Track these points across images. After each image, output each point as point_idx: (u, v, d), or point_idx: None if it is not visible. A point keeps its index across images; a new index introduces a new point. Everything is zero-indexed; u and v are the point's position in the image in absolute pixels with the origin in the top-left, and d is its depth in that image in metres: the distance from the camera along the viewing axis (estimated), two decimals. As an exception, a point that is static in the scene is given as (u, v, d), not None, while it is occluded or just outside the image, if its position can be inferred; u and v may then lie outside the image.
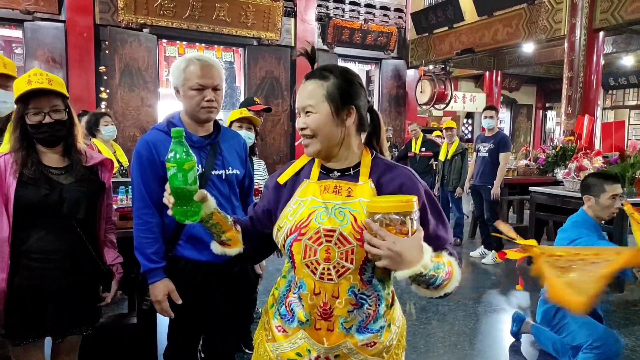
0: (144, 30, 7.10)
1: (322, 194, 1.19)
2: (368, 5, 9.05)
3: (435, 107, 9.25)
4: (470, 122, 12.87)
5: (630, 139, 5.16)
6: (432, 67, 9.05)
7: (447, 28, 8.52)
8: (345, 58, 9.05)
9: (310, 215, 1.16)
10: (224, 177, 1.80)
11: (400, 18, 9.45)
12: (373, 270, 1.15)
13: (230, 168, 1.83)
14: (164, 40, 7.68)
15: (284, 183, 1.28)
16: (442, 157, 6.05)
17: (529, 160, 6.18)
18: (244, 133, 2.72)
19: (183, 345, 1.86)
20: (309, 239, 1.14)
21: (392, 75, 9.46)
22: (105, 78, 6.91)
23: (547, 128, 14.17)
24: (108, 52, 6.85)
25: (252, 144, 2.83)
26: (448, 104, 9.25)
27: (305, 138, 1.20)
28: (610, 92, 12.68)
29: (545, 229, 5.55)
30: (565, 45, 6.31)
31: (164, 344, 1.90)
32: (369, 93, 9.55)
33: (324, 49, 8.66)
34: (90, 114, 3.98)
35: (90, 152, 1.83)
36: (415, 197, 1.04)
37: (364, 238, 1.04)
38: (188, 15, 7.27)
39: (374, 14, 9.11)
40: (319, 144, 1.18)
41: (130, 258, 1.82)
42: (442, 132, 6.62)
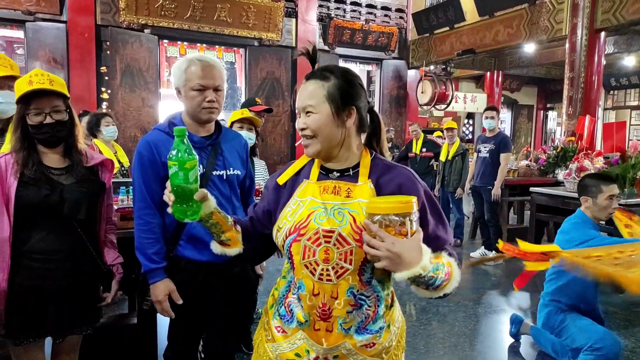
0: (145, 31, 7.11)
1: (321, 195, 1.19)
2: (369, 6, 9.05)
3: (436, 107, 9.25)
4: (471, 122, 12.86)
5: (632, 140, 5.15)
6: (433, 67, 9.05)
7: (448, 28, 8.52)
8: (346, 58, 9.05)
9: (310, 216, 1.16)
10: (225, 177, 1.80)
11: (401, 18, 9.46)
12: (372, 271, 1.15)
13: (231, 168, 1.83)
14: (165, 41, 7.69)
15: (284, 183, 1.28)
16: (442, 157, 6.04)
17: (530, 161, 6.17)
18: (245, 133, 2.72)
19: (183, 346, 1.87)
20: (308, 240, 1.14)
21: (393, 76, 9.46)
22: (107, 78, 6.92)
23: (548, 129, 14.16)
24: (109, 52, 6.87)
25: (253, 145, 2.83)
26: (449, 105, 9.25)
27: (305, 138, 1.19)
28: (612, 92, 12.66)
29: (546, 230, 5.54)
30: (567, 46, 6.31)
31: (165, 344, 1.90)
32: (370, 93, 9.56)
33: (325, 50, 8.66)
34: (91, 115, 3.98)
35: (91, 152, 1.84)
36: (415, 198, 1.04)
37: (363, 239, 1.04)
38: (189, 16, 7.27)
39: (375, 15, 9.12)
40: (319, 145, 1.18)
41: (131, 258, 1.82)
42: (442, 132, 6.61)
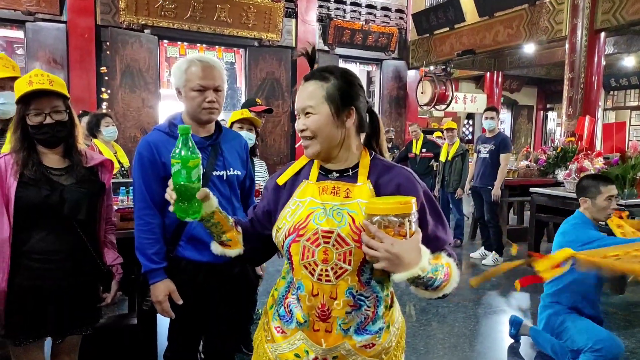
0: (145, 31, 7.11)
1: (320, 195, 1.19)
2: (369, 6, 9.06)
3: (436, 108, 9.26)
4: (471, 123, 12.86)
5: (631, 140, 5.16)
6: (432, 68, 9.05)
7: (448, 29, 8.52)
8: (346, 59, 9.05)
9: (309, 217, 1.16)
10: (225, 178, 1.80)
11: (401, 19, 9.46)
12: (371, 272, 1.15)
13: (232, 169, 1.83)
14: (165, 41, 7.69)
15: (283, 184, 1.28)
16: (442, 158, 6.04)
17: (530, 162, 6.17)
18: (245, 134, 2.72)
19: (183, 346, 1.87)
20: (307, 240, 1.14)
21: (392, 76, 9.46)
22: (106, 79, 6.92)
23: (547, 129, 14.16)
24: (109, 52, 6.87)
25: (253, 145, 2.83)
26: (449, 105, 9.25)
27: (305, 139, 1.19)
28: (612, 93, 12.67)
29: (546, 231, 5.54)
30: (566, 46, 6.31)
31: (165, 345, 1.90)
32: (370, 94, 9.56)
33: (325, 50, 8.67)
34: (91, 115, 3.99)
35: (91, 152, 1.84)
36: (414, 198, 1.04)
37: (362, 240, 1.04)
38: (189, 16, 7.28)
39: (375, 15, 9.12)
40: (319, 145, 1.18)
41: (131, 259, 1.82)
42: (442, 133, 6.61)
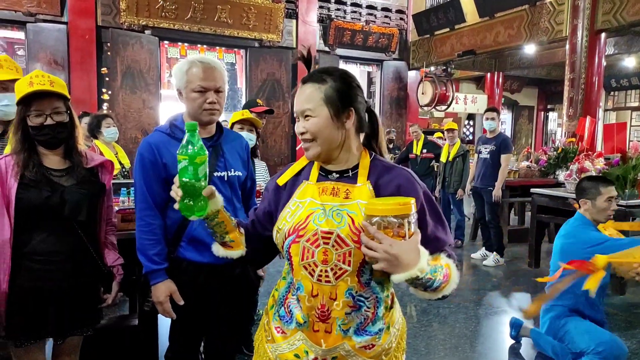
0: (146, 32, 7.12)
1: (320, 196, 1.19)
2: (369, 7, 9.06)
3: (437, 108, 9.25)
4: (472, 123, 12.86)
5: (632, 141, 5.15)
6: (433, 68, 9.05)
7: (448, 30, 8.53)
8: (347, 59, 9.05)
9: (309, 217, 1.16)
10: (226, 178, 1.80)
11: (402, 19, 9.47)
12: (371, 273, 1.15)
13: (233, 170, 1.83)
14: (166, 42, 7.70)
15: (284, 184, 1.28)
16: (443, 158, 6.03)
17: (531, 162, 6.17)
18: (245, 135, 2.72)
19: (184, 347, 1.87)
20: (307, 241, 1.15)
21: (393, 77, 9.46)
22: (107, 80, 6.93)
23: (548, 130, 14.15)
24: (110, 53, 6.88)
25: (253, 146, 2.83)
26: (449, 106, 9.25)
27: (305, 142, 1.19)
28: (612, 93, 12.66)
29: (547, 231, 5.54)
30: (567, 47, 6.31)
31: (166, 345, 1.90)
32: (371, 95, 9.56)
33: (326, 51, 8.67)
34: (92, 116, 3.99)
35: (91, 153, 1.84)
36: (413, 199, 1.04)
37: (361, 240, 1.04)
38: (190, 17, 7.28)
39: (376, 16, 9.12)
40: (319, 147, 1.18)
41: (132, 260, 1.83)
42: (443, 133, 6.62)
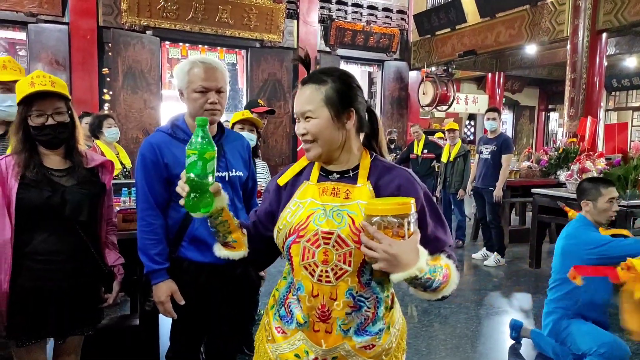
0: (147, 33, 7.13)
1: (320, 196, 1.19)
2: (370, 7, 9.06)
3: (438, 108, 9.25)
4: (473, 123, 12.85)
5: (634, 141, 5.14)
6: (434, 68, 9.05)
7: (449, 30, 8.52)
8: (348, 60, 9.05)
9: (309, 218, 1.16)
10: (227, 179, 1.81)
11: (403, 20, 9.46)
12: (371, 273, 1.15)
13: (234, 170, 1.84)
14: (167, 42, 7.71)
15: (284, 185, 1.28)
16: (444, 159, 6.03)
17: (532, 162, 6.16)
18: (246, 135, 2.72)
19: (185, 346, 1.87)
20: (307, 241, 1.15)
21: (394, 77, 9.46)
22: (108, 80, 6.94)
23: (549, 130, 14.14)
24: (111, 54, 6.89)
25: (254, 146, 2.83)
26: (450, 106, 9.25)
27: (306, 143, 1.19)
28: (613, 93, 12.64)
29: (548, 231, 5.53)
30: (568, 47, 6.30)
31: (167, 345, 1.91)
32: (371, 95, 9.56)
33: (327, 51, 8.67)
34: (94, 116, 3.99)
35: (91, 153, 1.84)
36: (413, 199, 1.04)
37: (361, 240, 1.04)
38: (191, 17, 7.29)
39: (377, 16, 9.12)
40: (320, 148, 1.18)
41: (133, 260, 1.83)
42: (444, 133, 6.62)
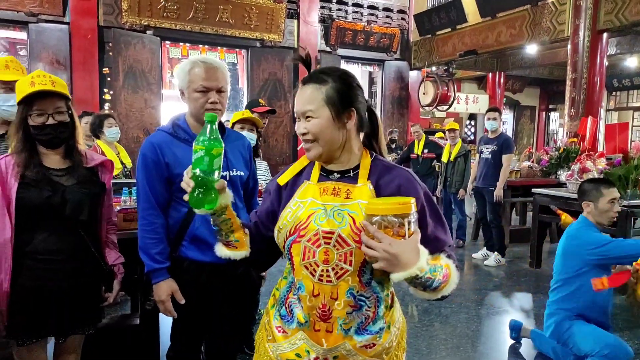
0: (148, 32, 7.13)
1: (321, 196, 1.19)
2: (371, 7, 9.06)
3: (438, 108, 9.25)
4: (473, 123, 12.85)
5: (634, 141, 5.14)
6: (435, 68, 9.05)
7: (450, 29, 8.52)
8: (348, 60, 9.05)
9: (309, 217, 1.16)
10: (228, 178, 1.81)
11: (403, 19, 9.46)
12: (372, 272, 1.15)
13: (234, 169, 1.84)
14: (168, 42, 7.71)
15: (285, 184, 1.28)
16: (444, 158, 6.03)
17: (532, 162, 6.16)
18: (246, 134, 2.72)
19: (186, 346, 1.87)
20: (308, 241, 1.15)
21: (394, 77, 9.46)
22: (109, 80, 6.94)
23: (550, 130, 14.13)
24: (112, 54, 6.89)
25: (255, 146, 2.83)
26: (451, 106, 9.25)
27: (307, 142, 1.19)
28: (614, 93, 12.64)
29: (548, 231, 5.53)
30: (569, 47, 6.30)
31: (167, 345, 1.91)
32: (372, 95, 9.56)
33: (327, 51, 8.68)
34: (95, 116, 3.99)
35: (91, 153, 1.84)
36: (413, 199, 1.04)
37: (362, 240, 1.04)
38: (191, 17, 7.29)
39: (377, 16, 9.12)
40: (321, 148, 1.18)
41: (134, 259, 1.83)
42: (444, 133, 6.62)
